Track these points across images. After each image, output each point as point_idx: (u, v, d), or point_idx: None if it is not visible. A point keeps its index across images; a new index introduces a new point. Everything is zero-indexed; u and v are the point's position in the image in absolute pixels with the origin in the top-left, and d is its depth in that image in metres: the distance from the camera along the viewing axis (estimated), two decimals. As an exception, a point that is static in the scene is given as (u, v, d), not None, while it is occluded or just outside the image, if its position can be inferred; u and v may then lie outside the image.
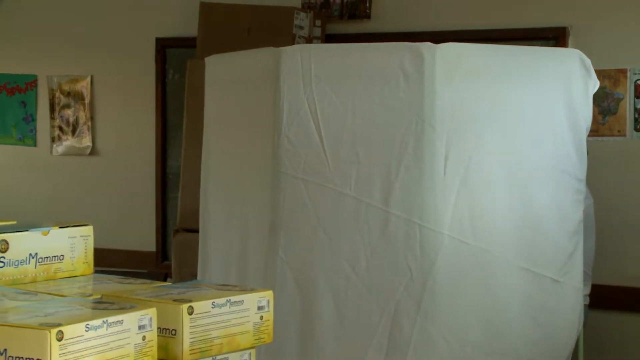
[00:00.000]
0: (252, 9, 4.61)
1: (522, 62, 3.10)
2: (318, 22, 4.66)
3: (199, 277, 3.41)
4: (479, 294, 3.00)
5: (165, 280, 4.74)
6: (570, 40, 4.43)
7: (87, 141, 5.50)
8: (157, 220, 5.34)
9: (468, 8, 4.62)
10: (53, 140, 5.57)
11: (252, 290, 1.95)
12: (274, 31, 4.44)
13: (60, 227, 2.13)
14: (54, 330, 1.53)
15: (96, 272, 2.22)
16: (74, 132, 5.52)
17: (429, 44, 2.97)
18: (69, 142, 5.54)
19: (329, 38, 4.71)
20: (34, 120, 5.62)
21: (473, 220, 2.97)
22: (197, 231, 3.51)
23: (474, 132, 2.98)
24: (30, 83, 5.61)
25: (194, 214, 3.57)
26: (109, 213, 5.36)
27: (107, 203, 5.43)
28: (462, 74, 2.97)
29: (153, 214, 5.35)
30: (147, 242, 5.35)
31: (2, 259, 1.98)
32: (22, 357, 1.55)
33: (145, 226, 5.36)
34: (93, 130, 5.48)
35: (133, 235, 5.36)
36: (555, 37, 4.47)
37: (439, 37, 3.30)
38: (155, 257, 5.35)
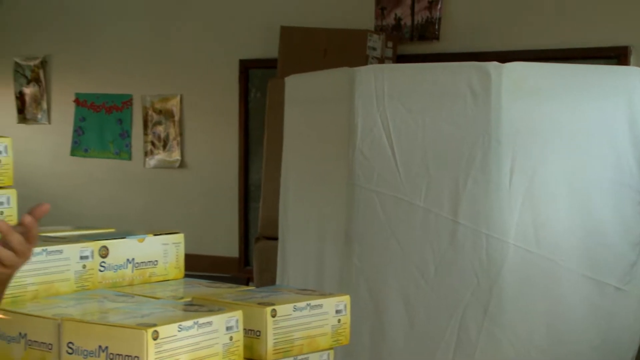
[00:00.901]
0: (328, 32, 4.62)
1: (585, 79, 3.06)
2: (390, 44, 4.64)
3: (277, 281, 3.42)
4: (543, 300, 2.96)
5: (247, 284, 4.77)
6: (632, 59, 4.34)
7: (176, 155, 5.57)
8: (240, 228, 5.38)
9: (533, 29, 4.56)
10: (146, 154, 5.65)
11: (331, 294, 1.96)
12: (348, 52, 4.43)
13: (155, 235, 2.17)
14: (150, 330, 1.56)
15: (186, 276, 2.25)
16: (164, 146, 5.59)
17: (495, 63, 2.94)
18: (160, 156, 5.61)
19: (400, 58, 4.69)
20: (129, 136, 5.71)
21: (537, 230, 2.93)
22: (276, 239, 3.52)
23: (538, 147, 2.94)
24: (126, 102, 5.70)
25: (274, 222, 3.59)
26: (196, 221, 5.41)
27: (194, 212, 5.49)
28: (527, 91, 2.93)
29: (236, 222, 5.39)
30: (230, 248, 5.39)
31: (102, 264, 2.02)
32: (121, 355, 1.58)
33: (229, 234, 5.39)
34: (182, 145, 5.54)
35: (218, 242, 5.40)
36: (617, 55, 4.38)
37: (504, 56, 3.26)
38: (238, 263, 5.38)
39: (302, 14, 4.93)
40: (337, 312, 1.93)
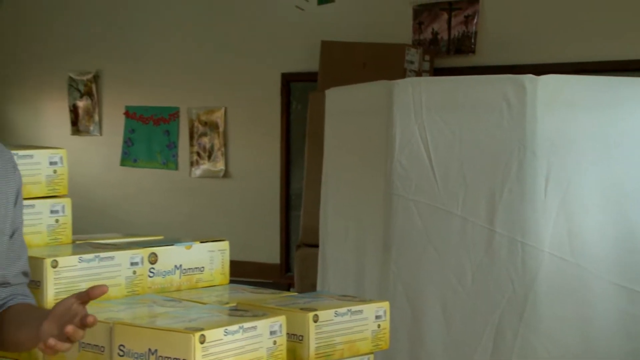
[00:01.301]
0: (368, 46, 4.62)
1: (619, 92, 3.01)
2: (427, 57, 4.63)
3: (318, 287, 3.42)
4: (577, 307, 2.91)
5: (288, 289, 4.77)
6: (666, 71, 4.28)
7: (220, 165, 5.60)
8: (281, 236, 5.39)
9: (567, 42, 4.52)
10: (192, 164, 5.69)
11: (371, 301, 1.95)
12: (387, 66, 4.42)
13: (201, 242, 2.18)
14: (197, 334, 1.56)
15: (230, 282, 2.26)
16: (209, 157, 5.63)
17: (530, 75, 2.91)
18: (205, 166, 5.65)
19: (437, 71, 4.68)
20: (175, 147, 5.75)
21: (571, 239, 2.90)
22: (317, 246, 3.51)
23: (573, 158, 2.90)
24: (173, 114, 5.75)
25: (314, 230, 3.58)
26: (239, 229, 5.42)
27: (237, 220, 5.51)
28: (562, 103, 2.90)
29: (277, 230, 5.40)
30: (272, 255, 5.40)
31: (152, 270, 2.03)
32: (170, 357, 1.58)
33: (271, 241, 5.41)
34: (226, 156, 5.57)
35: (260, 249, 5.41)
36: (651, 67, 4.34)
37: (539, 69, 3.24)
38: (280, 269, 5.39)
39: (342, 29, 4.94)
40: (377, 317, 1.92)
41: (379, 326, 1.92)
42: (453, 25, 4.75)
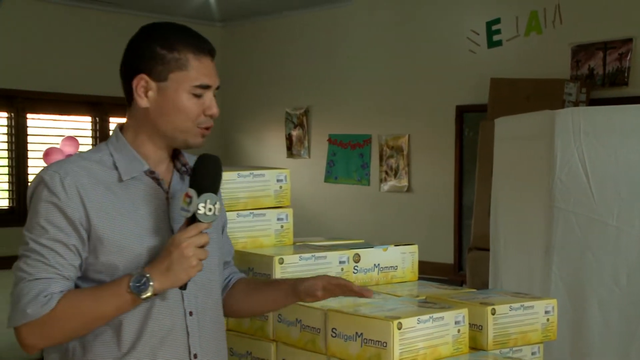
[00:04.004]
0: (531, 81, 4.46)
1: None
2: (583, 90, 4.41)
3: (490, 285, 3.33)
4: None
5: (460, 285, 4.67)
6: None
7: (404, 182, 5.59)
8: (455, 240, 5.30)
9: None
10: (381, 181, 5.73)
11: (540, 298, 1.88)
12: (547, 98, 4.26)
13: (395, 246, 2.18)
14: (396, 322, 1.57)
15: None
16: (395, 175, 5.64)
17: (682, 103, 2.71)
18: (391, 182, 5.66)
19: (592, 102, 4.44)
20: (368, 167, 5.81)
21: None
22: (486, 249, 3.43)
23: None
24: (366, 140, 5.82)
25: (484, 236, 3.50)
26: (420, 234, 5.38)
27: (418, 227, 5.48)
28: None
29: (451, 235, 5.31)
30: (447, 256, 5.32)
31: (355, 267, 2.06)
32: (372, 340, 1.60)
33: (446, 245, 5.33)
34: (409, 174, 5.56)
35: (437, 251, 5.34)
36: None
37: (689, 97, 2.99)
38: (453, 268, 5.30)
39: (508, 67, 4.81)
40: (546, 312, 1.85)
41: (547, 320, 1.84)
42: (608, 62, 4.48)
